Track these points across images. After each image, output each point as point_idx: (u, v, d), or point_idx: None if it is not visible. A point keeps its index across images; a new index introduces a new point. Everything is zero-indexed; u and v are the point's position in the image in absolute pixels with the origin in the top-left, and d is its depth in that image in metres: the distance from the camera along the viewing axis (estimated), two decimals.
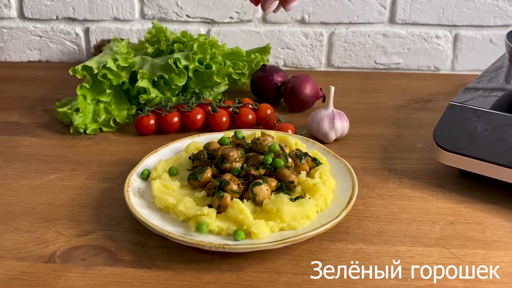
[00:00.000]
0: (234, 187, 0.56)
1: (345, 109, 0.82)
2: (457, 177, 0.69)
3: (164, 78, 0.86)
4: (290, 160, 0.62)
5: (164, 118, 0.81)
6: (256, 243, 0.51)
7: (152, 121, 0.82)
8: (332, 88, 0.78)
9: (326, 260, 0.53)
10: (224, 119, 0.82)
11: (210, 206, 0.56)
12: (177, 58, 0.86)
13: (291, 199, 0.56)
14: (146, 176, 0.64)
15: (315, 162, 0.64)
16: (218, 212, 0.55)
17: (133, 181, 0.62)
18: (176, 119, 0.82)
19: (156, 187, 0.59)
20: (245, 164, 0.60)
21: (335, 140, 0.80)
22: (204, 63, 0.88)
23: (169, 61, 0.85)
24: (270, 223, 0.53)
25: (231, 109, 0.84)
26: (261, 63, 0.96)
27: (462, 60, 1.15)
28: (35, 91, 1.02)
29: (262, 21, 1.14)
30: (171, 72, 0.86)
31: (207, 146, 0.65)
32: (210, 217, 0.53)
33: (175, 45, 0.90)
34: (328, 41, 1.16)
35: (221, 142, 0.66)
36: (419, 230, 0.58)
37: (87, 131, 0.83)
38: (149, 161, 0.67)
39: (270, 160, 0.60)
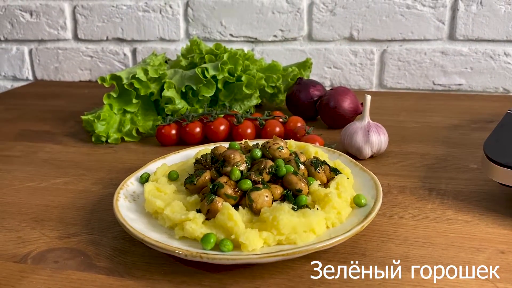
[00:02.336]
0: (229, 191, 0.48)
1: (391, 127, 0.72)
2: None
3: (192, 89, 0.82)
4: (302, 167, 0.53)
5: (186, 128, 0.76)
6: (240, 255, 0.42)
7: (173, 131, 0.77)
8: (368, 97, 0.69)
9: (330, 284, 0.43)
10: (249, 130, 0.75)
11: (198, 211, 0.48)
12: (205, 67, 0.81)
13: (293, 209, 0.47)
14: (145, 180, 0.58)
15: (335, 172, 0.55)
16: (207, 219, 0.47)
17: (130, 184, 0.57)
18: (198, 129, 0.77)
19: (148, 189, 0.53)
20: (245, 169, 0.52)
21: (371, 157, 0.70)
22: (235, 75, 0.83)
23: (196, 70, 0.81)
24: (265, 234, 0.45)
25: (257, 121, 0.77)
26: (298, 76, 0.89)
27: None
28: (75, 106, 1.03)
29: (308, 39, 1.08)
30: (199, 82, 0.82)
31: (214, 150, 0.58)
32: (195, 222, 0.46)
33: (206, 56, 0.87)
34: (379, 60, 1.07)
35: (229, 147, 0.59)
36: (456, 257, 0.46)
37: (109, 140, 0.80)
38: (153, 166, 0.61)
39: (281, 165, 0.52)
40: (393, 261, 0.46)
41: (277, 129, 0.76)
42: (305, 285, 0.43)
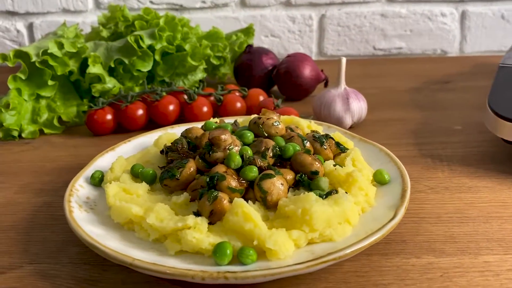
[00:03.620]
0: (233, 183, 0.37)
1: None
2: None
3: (123, 63, 0.67)
4: (308, 144, 0.43)
5: (125, 111, 0.62)
6: (277, 266, 0.31)
7: (109, 116, 0.62)
8: (343, 59, 0.61)
9: (386, 286, 0.34)
10: (205, 109, 0.63)
11: (197, 213, 0.36)
12: (139, 35, 0.67)
13: (321, 196, 0.37)
14: (98, 181, 0.43)
15: (339, 147, 0.46)
16: (210, 223, 0.35)
17: (79, 189, 0.42)
18: (141, 111, 0.62)
19: (113, 193, 0.39)
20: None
21: (351, 126, 0.62)
22: (175, 44, 0.70)
23: (129, 39, 0.66)
24: (294, 234, 0.34)
25: (212, 97, 0.65)
26: (246, 45, 0.78)
27: (471, 41, 1.01)
28: None
29: (241, 5, 0.97)
30: (132, 54, 0.67)
31: (186, 133, 0.45)
32: (198, 230, 0.34)
33: (136, 22, 0.71)
34: (318, 26, 0.99)
35: (205, 128, 0.47)
36: (504, 230, 0.40)
37: (23, 135, 0.63)
38: (103, 162, 0.47)
39: (282, 143, 0.41)
40: (440, 244, 0.38)
41: (238, 104, 0.64)
42: None
